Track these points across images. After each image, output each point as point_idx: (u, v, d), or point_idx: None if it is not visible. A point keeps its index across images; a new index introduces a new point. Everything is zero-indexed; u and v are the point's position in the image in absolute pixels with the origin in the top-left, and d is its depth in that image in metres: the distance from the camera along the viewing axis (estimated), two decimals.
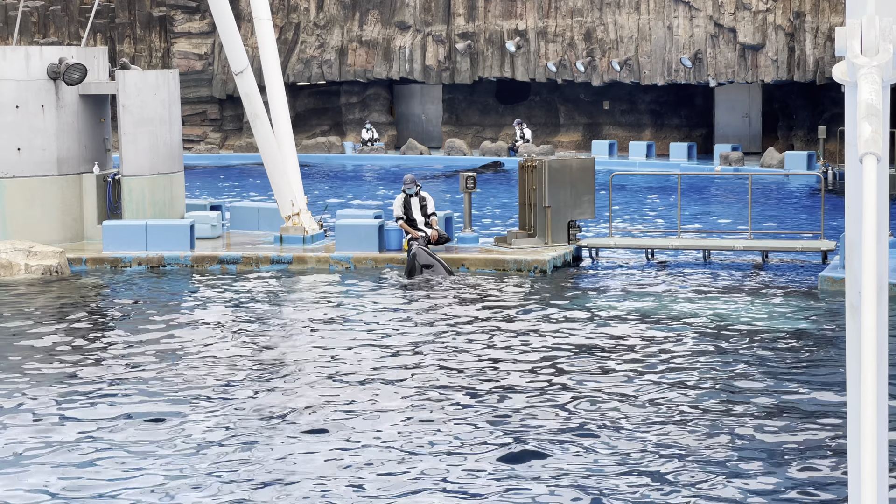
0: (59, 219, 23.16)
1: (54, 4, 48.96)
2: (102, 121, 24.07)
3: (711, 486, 10.02)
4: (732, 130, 44.61)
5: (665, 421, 11.84)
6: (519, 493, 9.93)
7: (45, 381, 13.65)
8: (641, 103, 45.41)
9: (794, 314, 17.12)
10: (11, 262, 20.67)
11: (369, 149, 46.00)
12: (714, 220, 28.62)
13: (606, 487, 10.03)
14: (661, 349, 14.94)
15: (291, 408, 12.40)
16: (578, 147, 45.16)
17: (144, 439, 11.38)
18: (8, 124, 22.71)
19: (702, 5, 41.45)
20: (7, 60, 22.73)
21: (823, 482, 10.14)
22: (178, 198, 24.36)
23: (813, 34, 39.73)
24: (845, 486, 9.86)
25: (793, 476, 10.27)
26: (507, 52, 44.71)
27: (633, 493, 9.89)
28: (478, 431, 11.56)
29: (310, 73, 47.61)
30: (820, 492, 9.92)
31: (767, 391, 12.94)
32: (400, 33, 46.37)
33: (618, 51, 43.00)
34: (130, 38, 48.66)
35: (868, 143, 4.49)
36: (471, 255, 21.28)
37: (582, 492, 9.92)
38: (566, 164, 22.70)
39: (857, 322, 4.61)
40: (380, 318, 17.08)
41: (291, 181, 23.06)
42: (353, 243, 21.71)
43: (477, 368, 14.01)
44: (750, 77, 41.17)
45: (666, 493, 9.87)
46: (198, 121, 48.70)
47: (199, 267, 21.66)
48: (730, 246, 22.36)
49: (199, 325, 16.77)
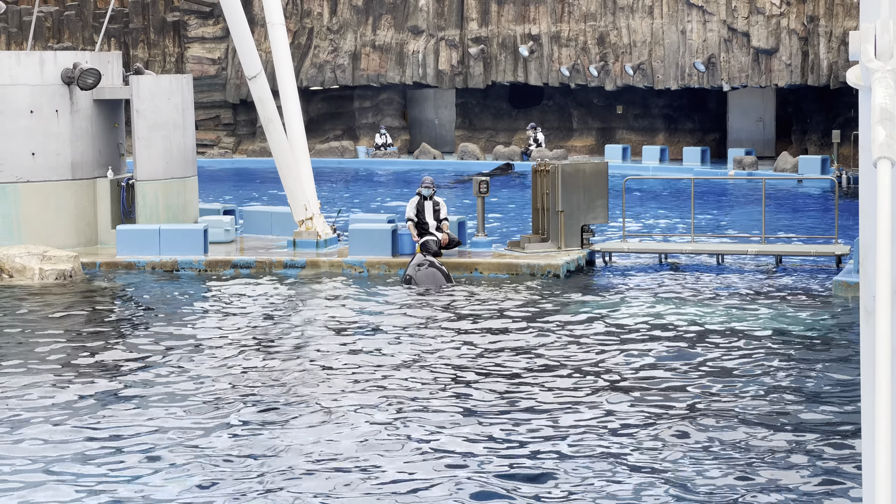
0: (73, 223, 23.22)
1: (68, 10, 49.09)
2: (116, 125, 24.13)
3: (726, 491, 9.99)
4: (746, 135, 44.54)
5: (678, 424, 11.81)
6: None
7: (57, 384, 13.67)
8: (655, 107, 45.37)
9: (808, 318, 17.08)
10: (26, 266, 20.72)
11: (382, 153, 46.03)
12: (727, 225, 28.57)
13: (616, 493, 10.01)
14: (675, 354, 14.91)
15: (301, 413, 12.41)
16: (592, 151, 45.13)
17: (154, 444, 11.39)
18: (22, 129, 22.78)
19: (715, 9, 41.41)
20: (22, 65, 22.80)
21: (837, 486, 10.11)
22: (192, 202, 24.41)
23: (827, 38, 39.67)
24: (859, 489, 9.84)
25: (806, 480, 10.24)
26: (520, 56, 44.71)
27: (647, 499, 9.87)
28: (490, 436, 11.55)
29: (323, 78, 47.67)
30: (833, 497, 9.89)
31: (780, 396, 12.90)
32: (413, 38, 46.41)
33: (631, 55, 42.97)
34: (144, 43, 48.77)
35: (882, 147, 4.48)
36: (484, 260, 21.28)
37: (598, 497, 9.90)
38: (579, 168, 22.69)
39: (872, 326, 4.59)
40: (390, 322, 17.08)
41: (305, 186, 23.08)
42: (366, 248, 21.72)
43: (489, 372, 13.99)
44: (763, 81, 41.11)
45: (680, 499, 9.85)
46: (211, 125, 48.79)
47: (213, 271, 21.68)
48: (743, 250, 22.33)
49: (211, 330, 16.79)
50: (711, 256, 22.33)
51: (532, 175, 22.56)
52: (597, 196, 22.42)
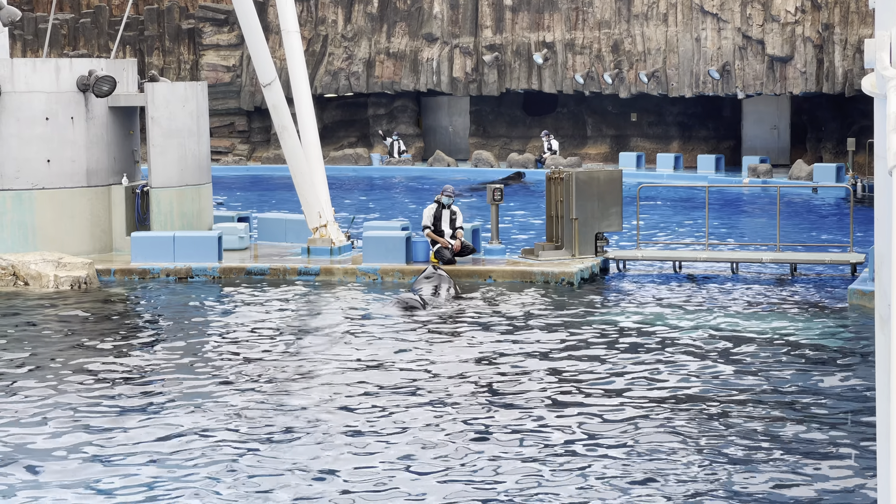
0: (88, 230, 23.26)
1: (84, 17, 49.23)
2: (131, 133, 24.18)
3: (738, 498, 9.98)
4: (760, 142, 44.46)
5: (691, 432, 11.79)
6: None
7: (72, 391, 13.69)
8: (669, 115, 45.32)
9: (823, 327, 17.03)
10: (41, 273, 20.77)
11: (396, 161, 46.05)
12: (742, 233, 28.52)
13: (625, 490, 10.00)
14: (689, 362, 14.88)
15: (316, 421, 12.41)
16: (606, 159, 45.09)
17: (167, 451, 11.40)
18: (38, 136, 22.84)
19: (730, 17, 41.36)
20: (37, 73, 22.87)
21: (852, 494, 10.09)
22: (206, 209, 24.44)
23: (842, 46, 39.59)
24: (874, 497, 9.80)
25: (820, 488, 10.22)
26: (534, 64, 44.71)
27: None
28: (496, 440, 11.55)
29: (337, 85, 47.72)
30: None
31: (795, 404, 12.87)
32: (427, 45, 46.44)
33: (645, 63, 42.94)
34: (159, 51, 48.88)
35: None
36: (498, 267, 21.27)
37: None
38: (593, 176, 22.67)
39: (887, 334, 4.58)
40: (401, 329, 17.07)
41: (319, 193, 23.10)
42: (380, 255, 21.73)
43: (504, 379, 13.98)
44: (778, 89, 41.04)
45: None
46: (226, 132, 48.87)
47: (227, 278, 21.71)
48: (758, 258, 22.28)
49: (225, 337, 16.80)
50: (726, 264, 22.28)
51: (546, 183, 22.53)
52: (611, 204, 22.39)
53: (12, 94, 22.72)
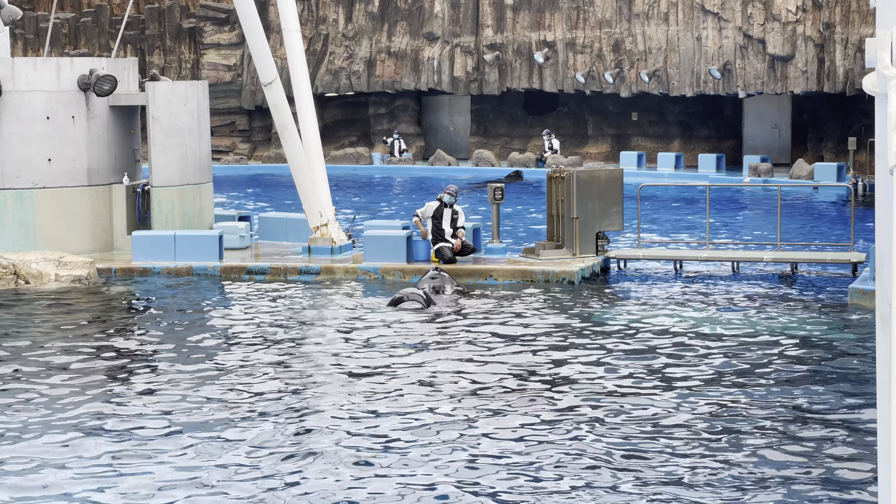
0: (88, 229, 23.27)
1: (85, 16, 49.24)
2: (132, 132, 24.19)
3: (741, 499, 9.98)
4: (761, 142, 44.45)
5: (693, 431, 11.79)
6: None
7: (72, 392, 13.70)
8: (670, 114, 45.31)
9: (823, 326, 17.03)
10: (41, 271, 20.78)
11: (397, 160, 46.05)
12: (743, 232, 28.51)
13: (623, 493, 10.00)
14: (689, 361, 14.88)
15: (316, 421, 12.42)
16: (607, 158, 45.09)
17: (168, 449, 11.41)
18: (39, 135, 22.85)
19: (731, 16, 41.35)
20: (38, 72, 22.88)
21: (852, 494, 10.09)
22: (207, 208, 24.45)
23: (843, 45, 39.58)
24: (874, 497, 9.81)
25: (820, 487, 10.22)
26: (535, 63, 44.70)
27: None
28: (503, 440, 11.55)
29: (338, 84, 47.73)
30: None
31: (795, 403, 12.87)
32: (428, 44, 46.44)
33: (646, 62, 42.94)
34: (160, 50, 48.89)
35: None
36: (499, 266, 21.27)
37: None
38: (594, 175, 22.67)
39: (887, 334, 4.58)
40: (403, 329, 17.08)
41: (320, 192, 23.10)
42: (381, 254, 21.73)
43: (504, 379, 13.99)
44: (779, 88, 41.03)
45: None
46: (227, 131, 48.87)
47: (228, 277, 21.72)
48: (759, 258, 22.28)
49: (226, 336, 16.81)
50: (726, 264, 22.28)
51: (547, 182, 22.54)
52: (612, 203, 22.39)
53: (13, 93, 22.73)
